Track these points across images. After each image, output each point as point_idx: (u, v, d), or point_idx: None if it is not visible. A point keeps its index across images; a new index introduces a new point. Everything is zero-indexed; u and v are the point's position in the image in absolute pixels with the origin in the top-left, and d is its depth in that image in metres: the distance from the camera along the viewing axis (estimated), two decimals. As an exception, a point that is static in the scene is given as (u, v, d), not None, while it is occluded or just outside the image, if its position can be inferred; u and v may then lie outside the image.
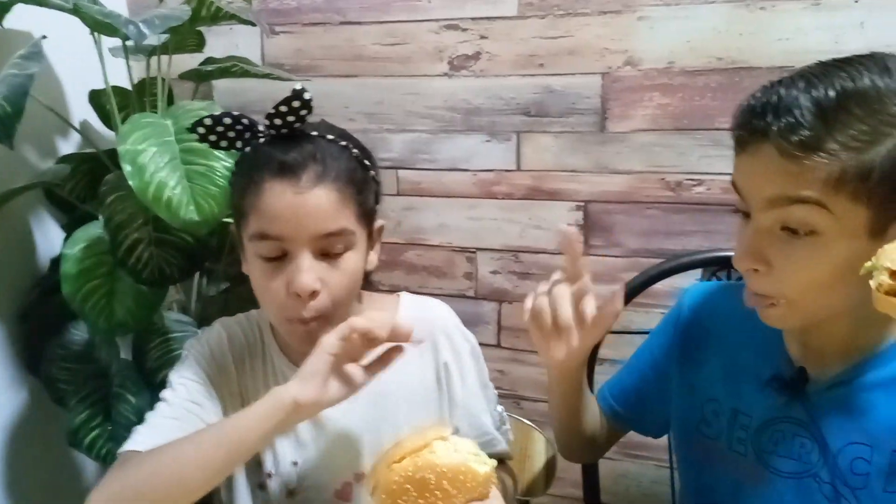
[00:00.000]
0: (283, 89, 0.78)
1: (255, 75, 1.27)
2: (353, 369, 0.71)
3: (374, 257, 0.86)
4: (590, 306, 0.73)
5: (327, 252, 0.77)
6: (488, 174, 1.41)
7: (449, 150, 1.42)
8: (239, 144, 0.81)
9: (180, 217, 0.99)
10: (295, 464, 0.86)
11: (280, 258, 0.77)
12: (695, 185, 1.27)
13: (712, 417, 0.82)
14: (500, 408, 0.98)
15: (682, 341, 0.88)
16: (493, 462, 0.70)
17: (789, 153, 0.63)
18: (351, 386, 0.71)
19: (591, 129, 1.32)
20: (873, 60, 0.65)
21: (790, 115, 0.63)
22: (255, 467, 0.86)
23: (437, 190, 1.44)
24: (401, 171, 1.46)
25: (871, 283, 0.55)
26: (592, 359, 1.14)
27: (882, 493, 0.70)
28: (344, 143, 0.82)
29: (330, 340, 0.70)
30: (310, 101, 0.77)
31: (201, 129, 0.80)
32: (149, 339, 1.20)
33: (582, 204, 1.36)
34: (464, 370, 0.90)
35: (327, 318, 0.77)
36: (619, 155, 1.31)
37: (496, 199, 1.41)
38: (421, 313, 0.91)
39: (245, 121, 0.79)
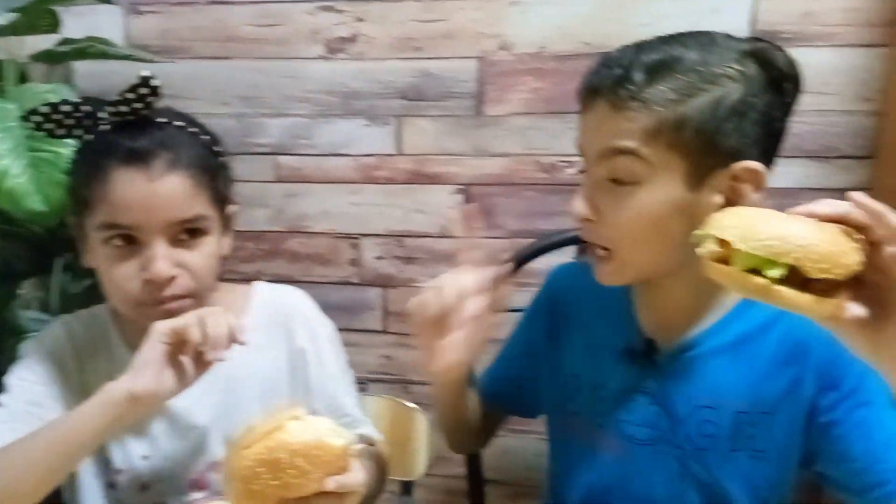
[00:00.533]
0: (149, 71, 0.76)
1: (114, 56, 1.20)
2: (185, 362, 0.70)
3: (228, 242, 0.85)
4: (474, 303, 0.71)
5: (183, 238, 0.77)
6: (369, 159, 1.39)
7: (328, 135, 1.39)
8: (78, 132, 0.78)
9: (24, 207, 0.93)
10: (145, 458, 0.83)
11: (131, 245, 0.75)
12: (567, 167, 1.31)
13: (575, 393, 0.84)
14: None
15: (549, 321, 0.90)
16: (351, 436, 0.69)
17: (616, 105, 0.68)
18: (184, 379, 0.70)
19: (469, 113, 1.33)
20: (701, 34, 0.70)
21: (620, 70, 0.68)
22: (103, 466, 0.83)
23: (318, 176, 1.42)
24: (280, 157, 1.42)
25: (699, 251, 0.58)
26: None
27: (730, 453, 0.75)
28: (193, 129, 0.80)
29: (161, 329, 0.69)
30: (158, 87, 0.75)
31: (37, 118, 0.76)
32: (1, 339, 1.12)
33: (462, 187, 1.37)
34: (322, 355, 0.90)
35: (192, 299, 0.77)
36: (496, 138, 1.33)
37: (378, 183, 1.40)
38: (275, 301, 0.91)
39: (86, 107, 0.77)
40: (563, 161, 1.30)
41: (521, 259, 1.15)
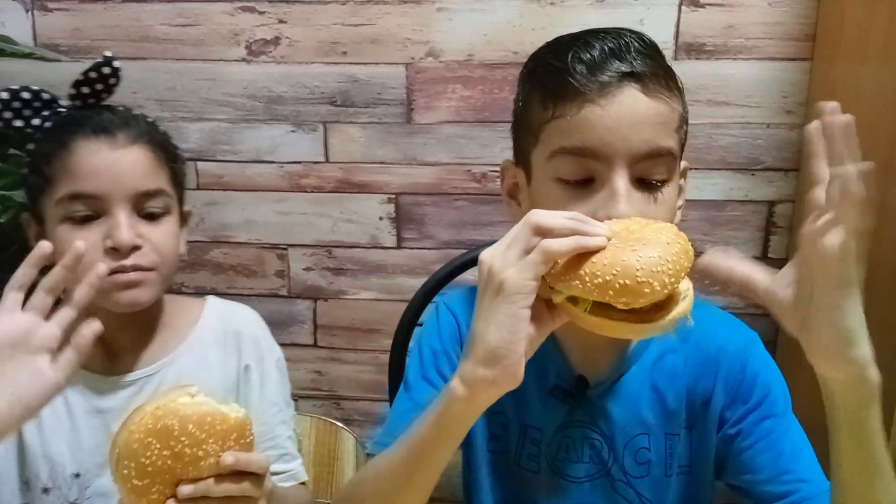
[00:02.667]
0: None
1: (14, 55, 1.12)
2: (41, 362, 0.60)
3: (184, 240, 0.86)
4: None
5: (146, 212, 0.78)
6: (296, 166, 1.34)
7: (252, 141, 1.34)
8: (36, 122, 0.78)
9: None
10: (77, 476, 0.79)
11: (94, 219, 0.75)
12: (499, 177, 1.28)
13: (501, 431, 0.78)
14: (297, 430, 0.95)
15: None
16: (245, 412, 0.62)
17: (651, 94, 0.62)
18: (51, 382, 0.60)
19: (398, 121, 1.29)
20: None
21: (641, 55, 0.62)
22: (23, 487, 0.79)
23: (242, 183, 1.36)
24: (200, 164, 1.35)
25: None
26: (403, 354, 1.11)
27: (664, 478, 0.74)
28: (150, 119, 0.83)
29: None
30: (119, 69, 0.79)
31: None
32: None
33: (393, 196, 1.33)
34: (265, 377, 0.88)
35: (155, 273, 0.77)
36: (426, 146, 1.30)
37: (305, 192, 1.35)
38: (227, 317, 0.90)
39: (45, 95, 0.78)
40: (494, 170, 1.28)
41: (453, 271, 1.11)
